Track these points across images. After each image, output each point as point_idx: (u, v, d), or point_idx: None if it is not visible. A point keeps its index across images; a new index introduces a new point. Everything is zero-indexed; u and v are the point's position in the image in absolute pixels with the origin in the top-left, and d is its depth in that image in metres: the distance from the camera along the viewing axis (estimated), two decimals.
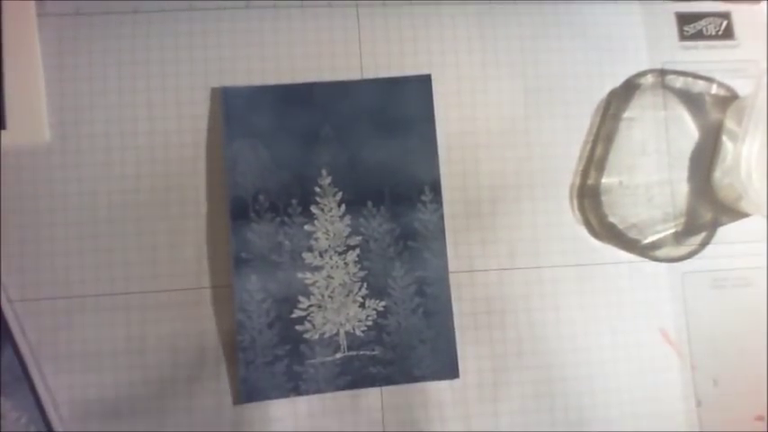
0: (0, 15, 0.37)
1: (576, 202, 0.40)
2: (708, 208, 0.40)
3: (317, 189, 0.38)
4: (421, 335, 0.37)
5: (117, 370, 0.36)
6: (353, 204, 0.38)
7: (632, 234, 0.39)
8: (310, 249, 0.38)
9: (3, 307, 0.36)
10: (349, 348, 0.37)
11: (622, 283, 0.39)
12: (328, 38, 0.40)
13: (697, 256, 0.40)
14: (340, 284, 0.37)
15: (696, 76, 0.41)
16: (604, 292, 0.39)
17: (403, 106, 0.39)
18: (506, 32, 0.41)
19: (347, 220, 0.38)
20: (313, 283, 0.37)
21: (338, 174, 0.38)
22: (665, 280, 0.40)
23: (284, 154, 0.38)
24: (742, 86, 0.41)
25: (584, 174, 0.40)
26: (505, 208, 0.39)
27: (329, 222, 0.38)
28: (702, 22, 0.42)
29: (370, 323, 0.37)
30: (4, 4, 0.37)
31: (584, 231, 0.39)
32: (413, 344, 0.37)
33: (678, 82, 0.41)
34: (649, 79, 0.41)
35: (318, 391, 0.36)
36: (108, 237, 0.37)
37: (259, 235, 0.37)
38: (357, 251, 0.38)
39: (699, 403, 0.38)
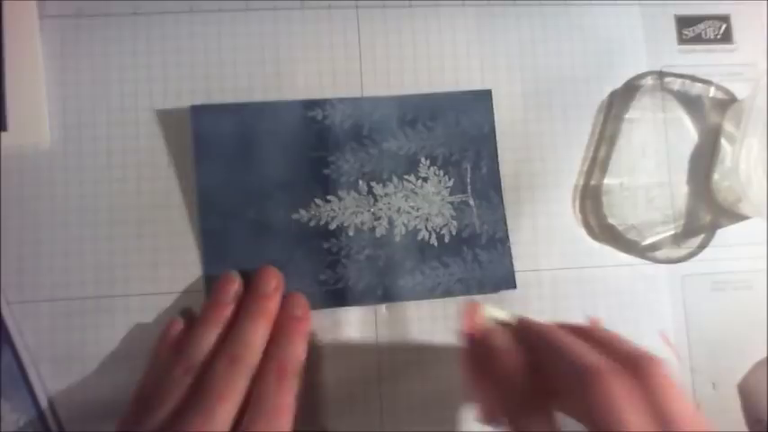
0: (1, 16, 0.37)
1: (578, 203, 0.40)
2: (707, 210, 0.40)
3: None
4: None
5: (116, 372, 0.36)
6: None
7: (631, 236, 0.39)
8: None
9: (2, 309, 0.36)
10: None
11: (622, 286, 0.39)
12: (328, 42, 0.40)
13: (697, 259, 0.40)
14: None
15: (695, 79, 0.41)
16: (604, 295, 0.39)
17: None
18: (505, 36, 0.41)
19: None
20: None
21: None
22: (665, 283, 0.40)
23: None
24: (740, 90, 0.41)
25: (588, 175, 0.40)
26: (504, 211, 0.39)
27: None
28: (701, 26, 0.42)
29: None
30: (5, 5, 0.37)
31: (583, 233, 0.39)
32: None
33: (677, 84, 0.41)
34: (649, 81, 0.41)
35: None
36: (108, 239, 0.37)
37: None
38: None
39: (697, 406, 0.38)
